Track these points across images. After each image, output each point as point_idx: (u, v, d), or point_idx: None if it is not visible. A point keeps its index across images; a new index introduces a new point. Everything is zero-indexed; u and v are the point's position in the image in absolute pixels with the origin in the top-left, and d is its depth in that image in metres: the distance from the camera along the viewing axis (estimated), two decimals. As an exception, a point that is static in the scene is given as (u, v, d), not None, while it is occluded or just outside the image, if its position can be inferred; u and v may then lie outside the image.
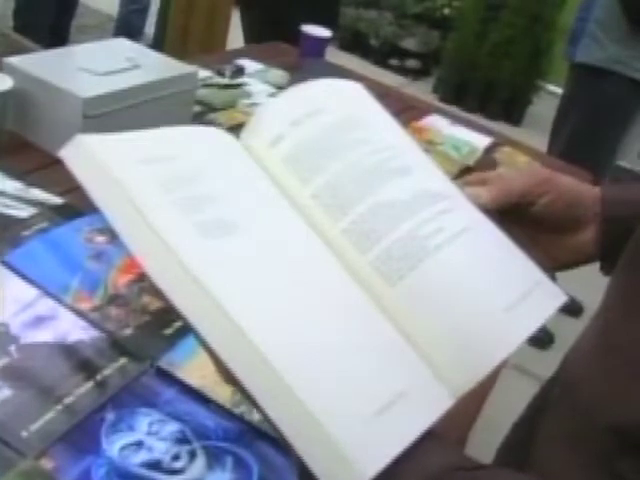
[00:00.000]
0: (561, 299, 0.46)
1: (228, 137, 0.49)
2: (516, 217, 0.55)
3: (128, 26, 3.45)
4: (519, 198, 0.55)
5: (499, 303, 0.43)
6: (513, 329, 0.43)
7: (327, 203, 0.45)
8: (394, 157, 0.48)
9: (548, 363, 0.59)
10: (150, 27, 3.44)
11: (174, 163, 0.44)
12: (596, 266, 0.60)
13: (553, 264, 0.58)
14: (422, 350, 0.42)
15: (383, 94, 0.57)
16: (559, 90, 4.07)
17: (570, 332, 0.50)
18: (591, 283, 0.55)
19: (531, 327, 0.43)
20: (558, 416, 0.48)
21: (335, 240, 0.44)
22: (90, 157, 0.41)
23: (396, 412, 0.38)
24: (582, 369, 0.46)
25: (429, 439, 0.38)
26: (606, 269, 0.58)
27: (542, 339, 2.31)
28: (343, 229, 0.44)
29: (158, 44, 2.87)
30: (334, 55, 1.97)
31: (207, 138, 0.49)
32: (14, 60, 1.06)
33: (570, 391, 0.47)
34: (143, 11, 3.61)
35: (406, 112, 1.66)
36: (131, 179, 0.41)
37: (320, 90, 0.51)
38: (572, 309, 2.40)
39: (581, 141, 2.22)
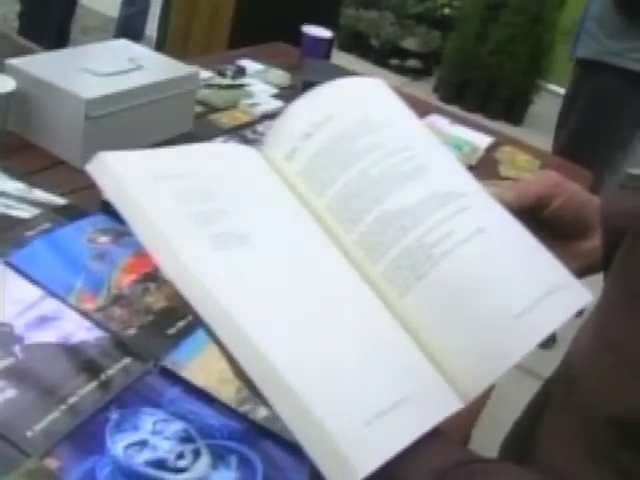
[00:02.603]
0: (585, 299, 0.45)
1: (250, 151, 0.50)
2: (528, 223, 0.55)
3: (128, 29, 3.42)
4: (537, 200, 0.55)
5: (512, 307, 0.43)
6: (526, 333, 0.42)
7: (338, 214, 0.46)
8: (408, 159, 0.48)
9: (551, 363, 0.59)
10: (152, 30, 3.42)
11: (191, 178, 0.45)
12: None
13: None
14: (433, 355, 0.42)
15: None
16: (560, 90, 4.06)
17: (573, 332, 0.50)
18: (592, 282, 0.55)
19: (546, 330, 0.43)
20: (560, 410, 0.48)
21: (349, 249, 0.45)
22: (109, 173, 0.43)
23: (398, 415, 0.38)
24: (582, 365, 0.46)
25: (434, 436, 0.39)
26: None
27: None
28: (354, 240, 0.45)
29: (161, 47, 2.86)
30: (334, 55, 1.98)
31: (228, 153, 0.50)
32: (16, 62, 1.06)
33: (571, 386, 0.47)
34: (143, 13, 3.58)
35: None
36: (146, 194, 0.43)
37: (331, 94, 0.51)
38: None
39: (581, 138, 2.22)
